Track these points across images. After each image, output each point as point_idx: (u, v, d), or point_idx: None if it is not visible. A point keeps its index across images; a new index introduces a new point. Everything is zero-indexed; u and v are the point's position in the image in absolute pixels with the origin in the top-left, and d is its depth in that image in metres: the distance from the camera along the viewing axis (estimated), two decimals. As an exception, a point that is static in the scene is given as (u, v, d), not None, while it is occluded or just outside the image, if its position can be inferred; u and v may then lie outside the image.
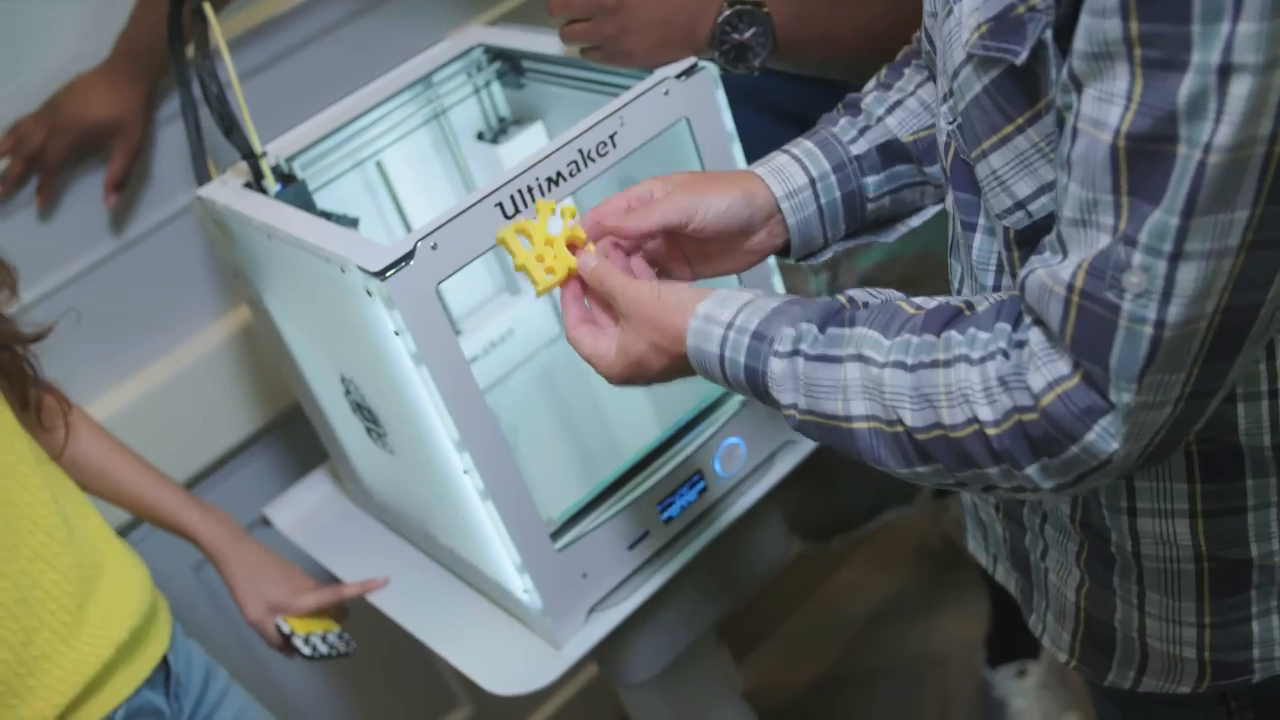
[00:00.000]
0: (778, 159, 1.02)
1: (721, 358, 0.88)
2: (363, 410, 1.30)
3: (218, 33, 1.24)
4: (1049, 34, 0.72)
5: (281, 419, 1.67)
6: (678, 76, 1.19)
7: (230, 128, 1.25)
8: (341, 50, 1.65)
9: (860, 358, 0.81)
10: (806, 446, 1.41)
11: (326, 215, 1.32)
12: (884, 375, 0.80)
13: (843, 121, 1.04)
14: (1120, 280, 0.69)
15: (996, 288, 0.87)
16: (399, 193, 1.46)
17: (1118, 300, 0.70)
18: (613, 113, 1.16)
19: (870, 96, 1.04)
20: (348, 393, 1.30)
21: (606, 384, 0.97)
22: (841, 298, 0.86)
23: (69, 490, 1.23)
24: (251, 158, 1.27)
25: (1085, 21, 0.67)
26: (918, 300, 0.84)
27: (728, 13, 1.19)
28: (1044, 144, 0.77)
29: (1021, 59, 0.73)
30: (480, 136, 1.48)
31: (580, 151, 1.14)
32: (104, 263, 1.54)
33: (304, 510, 1.56)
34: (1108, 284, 0.70)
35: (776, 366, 0.85)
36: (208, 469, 1.64)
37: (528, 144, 1.45)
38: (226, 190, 1.29)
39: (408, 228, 1.48)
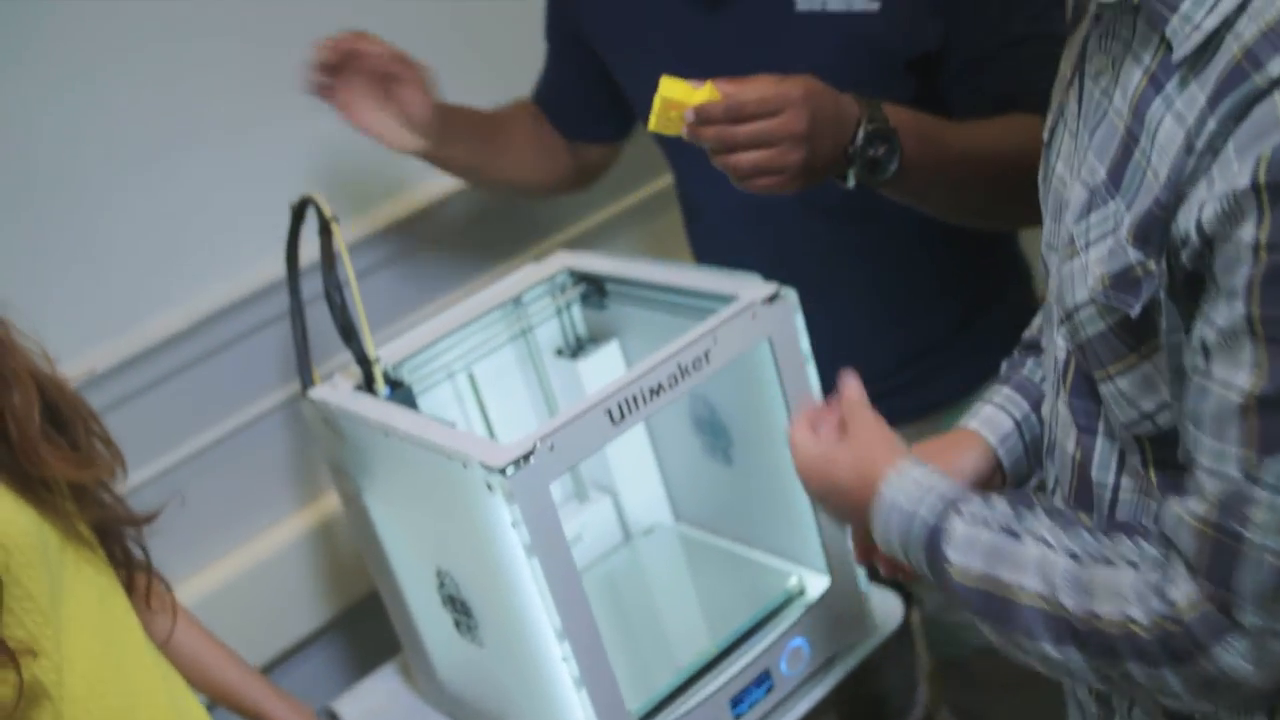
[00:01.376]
0: (984, 410, 1.18)
1: (911, 514, 0.99)
2: (455, 603, 1.37)
3: (344, 250, 1.37)
4: (1162, 294, 0.84)
5: (349, 613, 1.74)
6: (764, 301, 1.32)
7: (349, 334, 1.36)
8: (439, 258, 1.79)
9: (1042, 540, 0.92)
10: (864, 649, 1.49)
11: (426, 419, 1.43)
12: (1059, 561, 0.90)
13: (1029, 363, 1.18)
14: (1247, 514, 0.79)
15: (1115, 486, 0.97)
16: (486, 402, 1.57)
17: (1243, 531, 0.79)
18: (708, 331, 1.28)
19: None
20: (441, 585, 1.38)
21: (666, 591, 1.07)
22: (1030, 493, 0.99)
23: (170, 669, 1.29)
24: (366, 363, 1.38)
25: (1219, 306, 0.78)
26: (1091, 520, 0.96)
27: (867, 129, 1.29)
28: (1165, 370, 0.88)
29: (1135, 312, 0.85)
30: (559, 352, 1.60)
31: (679, 365, 1.26)
32: (190, 459, 1.63)
33: (372, 705, 1.61)
34: (1235, 517, 0.79)
35: (959, 527, 0.96)
36: (275, 660, 1.70)
37: (604, 360, 1.57)
38: (338, 393, 1.40)
39: (492, 434, 1.58)
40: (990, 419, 1.17)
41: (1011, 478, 1.17)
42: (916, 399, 1.59)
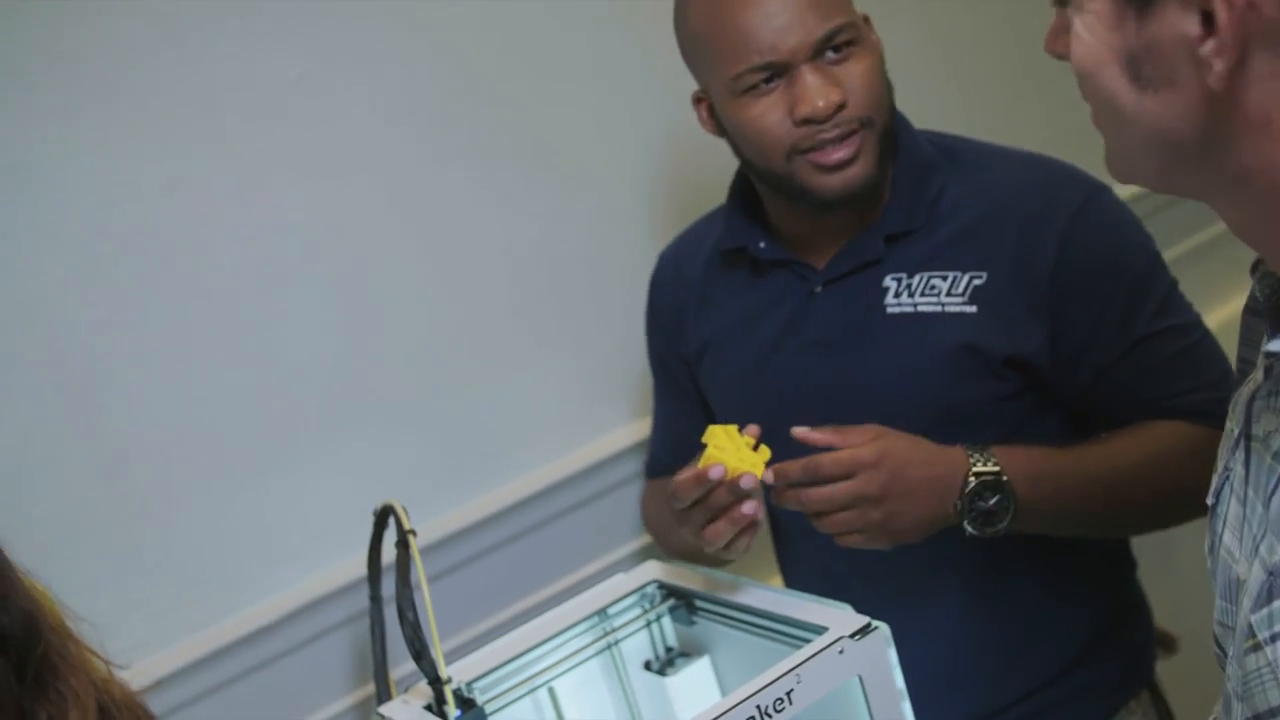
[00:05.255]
0: None
1: None
2: None
3: (420, 567, 1.33)
4: None
5: None
6: (852, 635, 1.23)
7: (420, 654, 1.31)
8: (514, 561, 1.76)
9: None
10: None
11: (498, 740, 1.36)
12: None
13: None
14: None
15: None
16: (568, 717, 1.50)
17: None
18: (790, 670, 1.20)
19: None
20: None
21: None
22: None
23: None
24: (437, 683, 1.32)
25: None
26: None
27: (974, 484, 1.29)
28: None
29: None
30: (648, 666, 1.52)
31: (758, 708, 1.17)
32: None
33: None
34: None
35: None
36: None
37: (694, 677, 1.48)
38: (408, 712, 1.34)
39: (573, 755, 1.50)
40: None
41: None
42: None
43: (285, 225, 1.60)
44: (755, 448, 1.30)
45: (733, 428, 1.31)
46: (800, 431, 1.29)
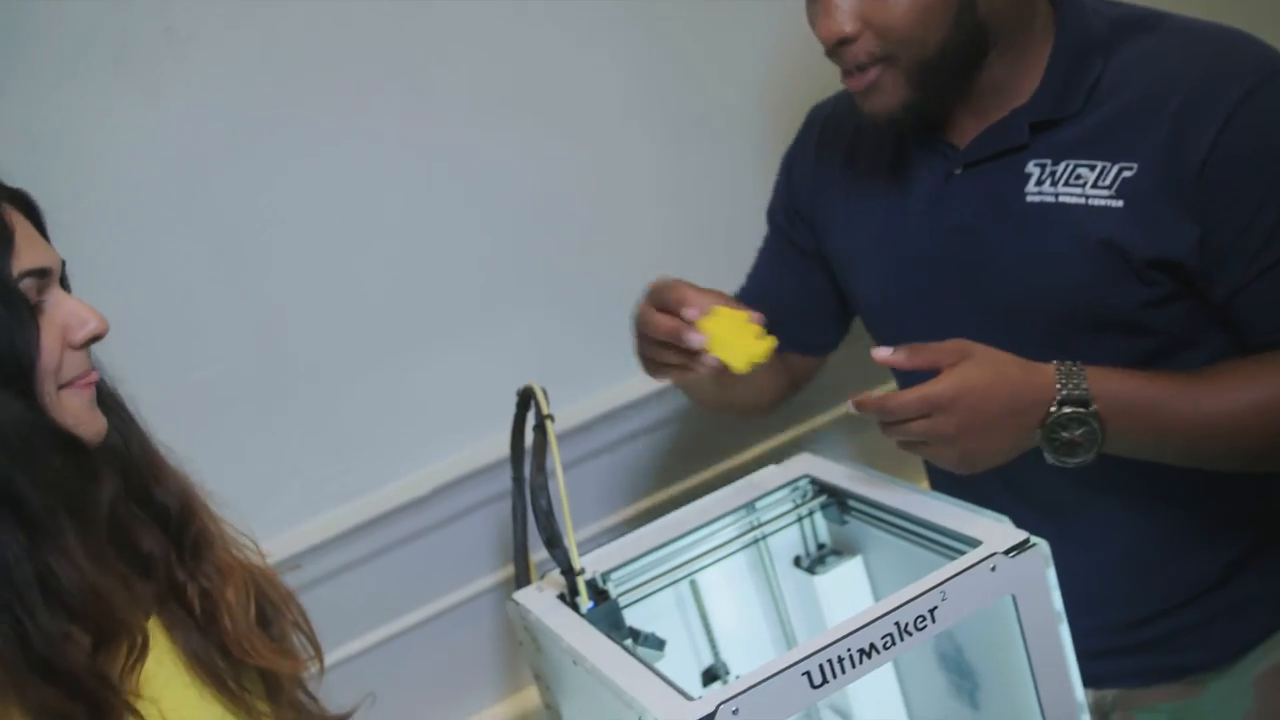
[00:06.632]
0: None
1: None
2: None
3: (555, 453, 1.29)
4: None
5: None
6: (1007, 552, 1.14)
7: (553, 542, 1.28)
8: (657, 449, 1.71)
9: None
10: None
11: (634, 633, 1.32)
12: None
13: None
14: None
15: None
16: (709, 612, 1.45)
17: None
18: (934, 586, 1.12)
19: None
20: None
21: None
22: None
23: None
24: (569, 574, 1.29)
25: None
26: None
27: (1057, 414, 1.19)
28: None
29: None
30: (797, 562, 1.46)
31: (897, 624, 1.10)
32: (396, 638, 1.59)
33: None
34: None
35: None
36: None
37: (845, 577, 1.42)
38: (541, 600, 1.31)
39: (714, 650, 1.46)
40: None
41: None
42: (1170, 659, 1.37)
43: (442, 116, 1.57)
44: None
45: (742, 316, 1.25)
46: (879, 354, 1.19)
